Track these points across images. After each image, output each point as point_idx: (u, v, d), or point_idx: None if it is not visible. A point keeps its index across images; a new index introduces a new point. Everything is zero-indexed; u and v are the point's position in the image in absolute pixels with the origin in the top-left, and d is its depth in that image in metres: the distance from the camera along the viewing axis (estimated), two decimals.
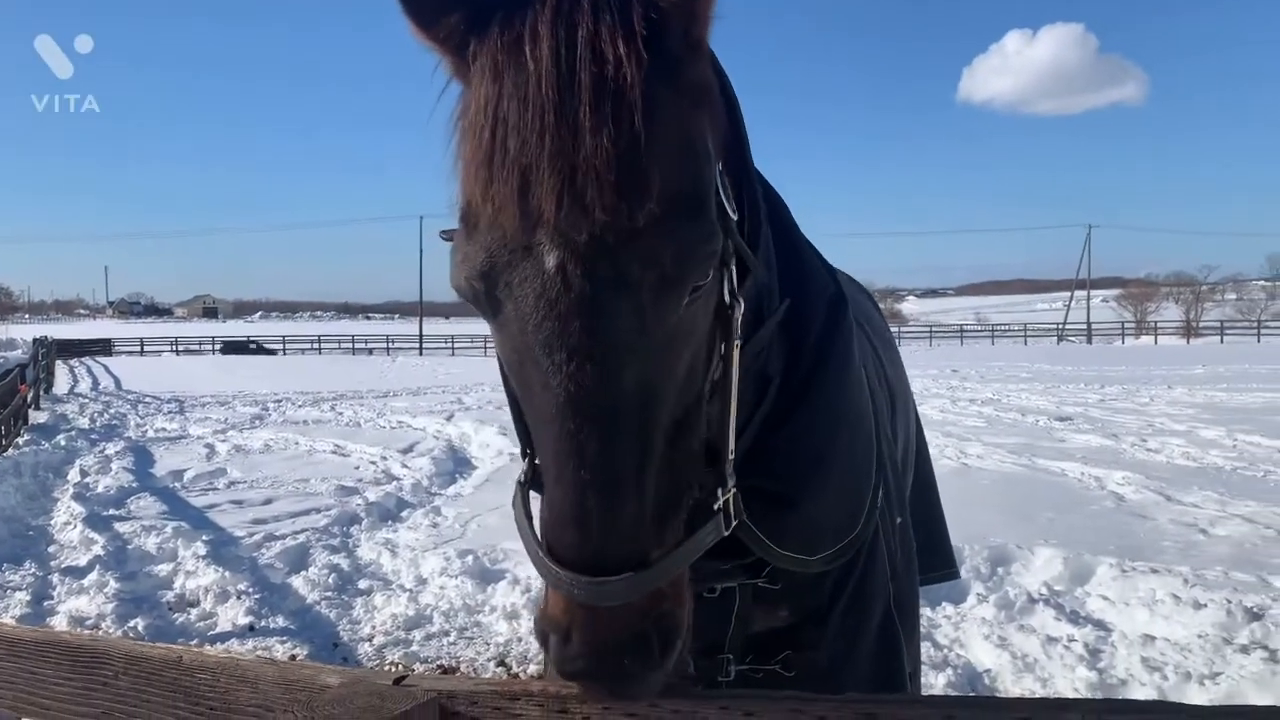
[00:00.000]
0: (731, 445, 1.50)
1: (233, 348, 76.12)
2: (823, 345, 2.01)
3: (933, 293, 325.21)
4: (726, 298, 1.42)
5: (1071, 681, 5.81)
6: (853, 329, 2.13)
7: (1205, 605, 6.73)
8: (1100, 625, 6.72)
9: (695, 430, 1.41)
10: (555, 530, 1.30)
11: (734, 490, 1.49)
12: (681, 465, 1.38)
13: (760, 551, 1.92)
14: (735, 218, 1.42)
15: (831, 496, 2.02)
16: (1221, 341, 70.49)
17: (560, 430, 1.26)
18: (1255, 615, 6.56)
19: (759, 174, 2.03)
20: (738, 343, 1.45)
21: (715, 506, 1.45)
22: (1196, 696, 5.42)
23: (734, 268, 1.43)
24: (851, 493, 2.09)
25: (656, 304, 1.27)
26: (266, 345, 79.15)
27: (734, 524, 1.49)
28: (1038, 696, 5.07)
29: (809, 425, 1.95)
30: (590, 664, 1.29)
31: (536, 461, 1.46)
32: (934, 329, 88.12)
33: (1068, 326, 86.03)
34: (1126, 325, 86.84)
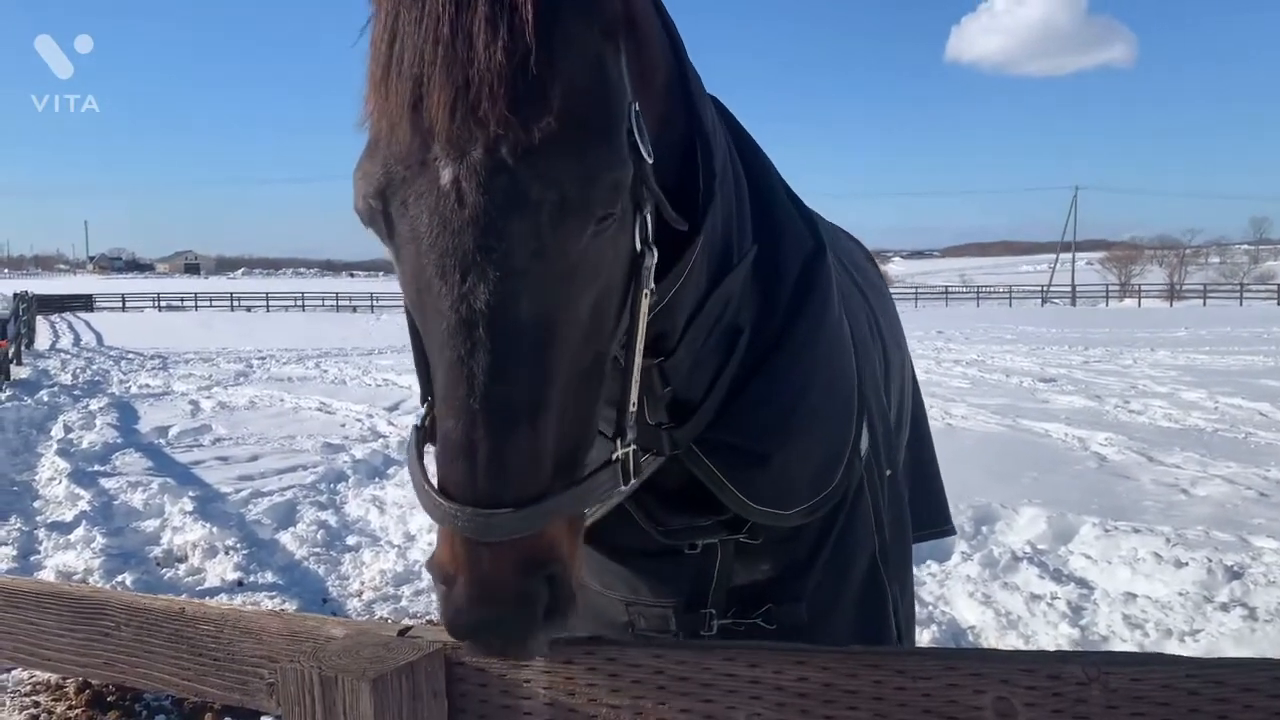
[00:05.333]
0: (633, 399, 1.47)
1: None
2: (797, 297, 1.98)
3: (919, 254, 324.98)
4: (638, 245, 1.38)
5: (1054, 638, 5.89)
6: (831, 280, 2.09)
7: (1186, 564, 6.83)
8: (1083, 583, 6.81)
9: (596, 376, 1.36)
10: (444, 463, 1.24)
11: (632, 447, 1.45)
12: (580, 411, 1.33)
13: (735, 507, 1.92)
14: (650, 160, 1.36)
15: (805, 451, 2.00)
16: (1204, 304, 70.74)
17: (453, 355, 1.21)
18: (1235, 574, 6.66)
19: (730, 118, 2.00)
20: (646, 292, 1.41)
21: (614, 457, 1.41)
22: (1177, 652, 5.50)
23: (648, 214, 1.39)
24: (828, 446, 2.06)
25: (557, 228, 1.22)
26: None
27: (633, 482, 1.45)
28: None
29: (781, 379, 1.93)
30: (475, 614, 1.22)
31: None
32: (920, 290, 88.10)
33: (1052, 289, 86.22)
34: (1111, 288, 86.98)
